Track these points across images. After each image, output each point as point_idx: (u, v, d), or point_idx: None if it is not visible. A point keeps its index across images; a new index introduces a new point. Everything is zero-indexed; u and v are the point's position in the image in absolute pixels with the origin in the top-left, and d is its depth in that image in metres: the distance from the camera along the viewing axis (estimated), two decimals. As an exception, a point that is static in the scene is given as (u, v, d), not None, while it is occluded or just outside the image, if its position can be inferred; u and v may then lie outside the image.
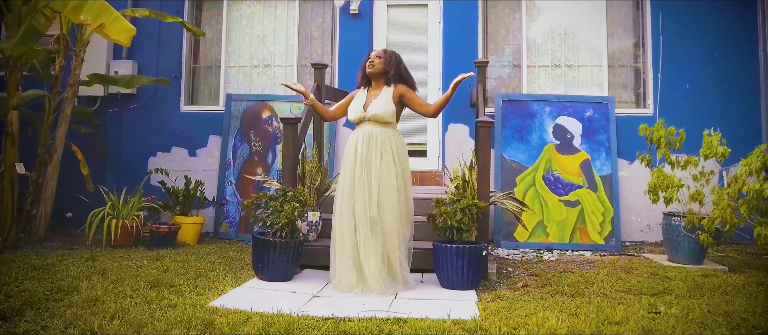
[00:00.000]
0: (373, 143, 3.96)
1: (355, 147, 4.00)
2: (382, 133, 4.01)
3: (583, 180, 6.26)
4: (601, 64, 6.68)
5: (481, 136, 4.32)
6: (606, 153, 6.33)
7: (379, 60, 4.08)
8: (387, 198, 3.88)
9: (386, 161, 3.93)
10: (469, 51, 6.59)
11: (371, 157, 3.93)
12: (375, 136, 3.99)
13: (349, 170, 3.99)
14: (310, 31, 6.98)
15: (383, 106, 4.00)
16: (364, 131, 4.02)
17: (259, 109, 6.67)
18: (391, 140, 4.02)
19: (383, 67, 4.07)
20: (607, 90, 6.64)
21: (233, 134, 6.65)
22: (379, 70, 4.07)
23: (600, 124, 6.39)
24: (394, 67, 4.10)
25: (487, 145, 4.31)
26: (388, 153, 3.94)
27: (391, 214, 3.89)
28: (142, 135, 6.90)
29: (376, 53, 4.15)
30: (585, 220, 6.17)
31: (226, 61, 7.02)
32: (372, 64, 4.08)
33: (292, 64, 6.91)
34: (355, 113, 4.08)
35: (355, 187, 3.92)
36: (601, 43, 6.69)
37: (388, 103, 4.02)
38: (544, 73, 6.74)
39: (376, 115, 3.98)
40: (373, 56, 4.13)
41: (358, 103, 4.12)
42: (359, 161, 3.94)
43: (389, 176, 3.91)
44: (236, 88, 6.98)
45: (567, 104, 6.44)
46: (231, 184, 6.56)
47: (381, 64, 4.08)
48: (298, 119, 4.56)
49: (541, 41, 6.76)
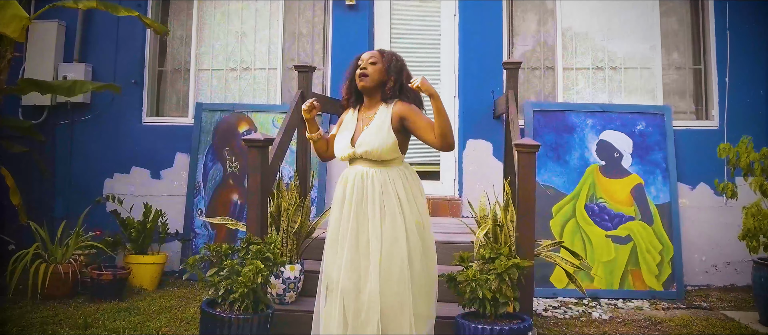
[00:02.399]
0: (368, 190, 2.66)
1: (342, 194, 2.74)
2: (381, 174, 2.69)
3: (636, 210, 5.03)
4: (653, 66, 5.44)
5: (523, 165, 3.10)
6: (662, 176, 5.10)
7: (374, 66, 2.77)
8: (391, 269, 2.58)
9: (390, 215, 2.64)
10: (492, 50, 5.37)
11: (365, 211, 2.65)
12: (370, 180, 2.67)
13: (333, 224, 2.75)
14: (297, 27, 5.78)
15: (379, 137, 2.68)
16: (355, 172, 2.74)
17: (235, 122, 5.47)
18: (396, 183, 2.69)
19: (380, 77, 2.77)
20: (662, 98, 5.40)
21: (204, 152, 5.46)
22: (374, 82, 2.77)
23: (654, 140, 5.16)
24: (395, 74, 2.78)
25: (531, 178, 3.10)
26: (392, 202, 2.66)
27: (396, 294, 2.57)
28: (97, 152, 5.71)
29: (370, 55, 2.81)
30: (638, 260, 4.94)
31: (197, 63, 5.82)
32: (364, 72, 2.75)
33: (276, 66, 5.71)
34: (342, 150, 2.78)
35: (339, 253, 2.67)
36: (652, 39, 5.45)
37: (385, 131, 2.70)
38: (583, 77, 5.52)
39: (369, 152, 2.69)
40: (364, 60, 2.79)
41: (344, 133, 2.82)
42: (346, 215, 2.68)
43: (393, 238, 2.61)
44: (209, 96, 5.78)
45: (614, 115, 5.21)
46: (201, 214, 5.36)
47: (377, 73, 2.77)
48: (268, 141, 3.36)
49: (579, 38, 5.53)
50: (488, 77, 5.30)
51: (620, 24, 5.48)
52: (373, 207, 2.64)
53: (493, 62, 5.31)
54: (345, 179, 2.76)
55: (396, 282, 2.55)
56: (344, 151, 2.76)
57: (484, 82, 5.28)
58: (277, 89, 5.66)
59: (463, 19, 5.44)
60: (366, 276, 2.57)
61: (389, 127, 2.71)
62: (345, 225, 2.66)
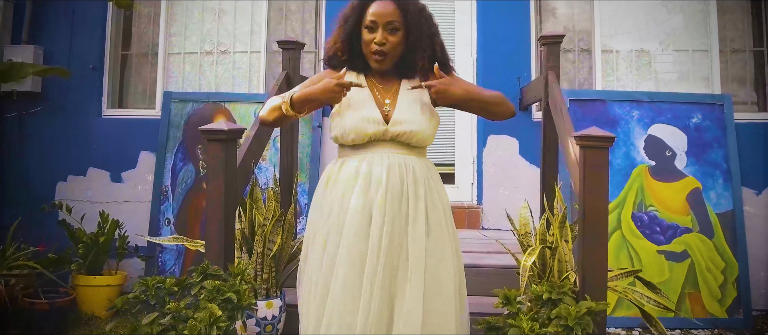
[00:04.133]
0: (409, 188, 1.87)
1: (362, 192, 1.86)
2: (422, 166, 1.94)
3: (693, 220, 4.16)
4: (709, 48, 4.56)
5: (591, 165, 2.22)
6: (724, 178, 4.23)
7: (395, 36, 1.91)
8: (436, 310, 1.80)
9: (436, 225, 1.87)
10: (517, 27, 4.49)
11: (402, 220, 1.84)
12: (412, 173, 1.90)
13: (353, 243, 1.82)
14: (285, 4, 4.89)
15: (423, 115, 1.95)
16: (386, 160, 1.90)
17: (210, 114, 4.57)
18: (435, 179, 1.99)
19: (401, 52, 1.95)
20: (720, 86, 4.52)
21: (173, 150, 4.57)
22: (394, 61, 1.96)
23: (713, 136, 4.28)
24: (428, 48, 1.95)
25: (602, 182, 2.21)
26: (437, 208, 1.91)
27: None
28: (50, 150, 4.82)
29: (385, 11, 1.90)
30: (697, 281, 4.07)
31: (167, 45, 4.93)
32: (381, 50, 1.91)
33: (259, 49, 4.82)
34: (364, 125, 1.91)
35: (351, 288, 1.78)
36: (707, 16, 4.57)
37: (428, 107, 1.98)
38: (624, 62, 4.63)
39: (413, 134, 1.91)
40: (378, 22, 1.90)
41: (363, 103, 1.95)
42: (375, 226, 1.81)
43: (439, 259, 1.84)
44: (180, 84, 4.89)
45: (664, 106, 4.33)
46: (169, 223, 4.47)
47: (398, 47, 1.93)
48: (235, 132, 2.47)
49: (619, 15, 4.64)
50: (513, 59, 4.42)
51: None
52: (415, 215, 1.85)
53: (519, 41, 4.44)
54: (363, 171, 1.90)
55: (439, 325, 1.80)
56: (369, 125, 1.90)
57: (508, 66, 4.40)
58: (260, 76, 4.77)
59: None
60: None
61: (429, 102, 1.99)
62: (374, 241, 1.81)
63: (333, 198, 1.91)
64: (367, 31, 1.94)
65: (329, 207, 1.91)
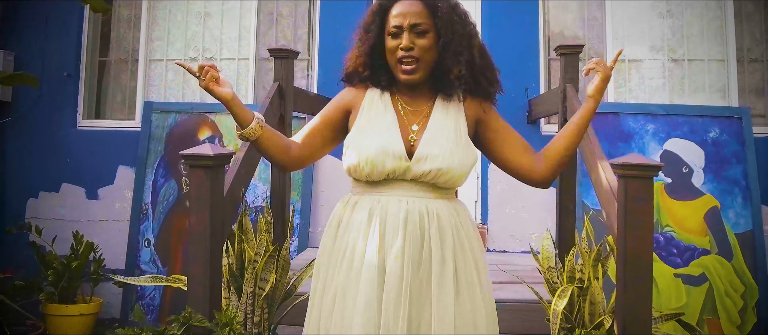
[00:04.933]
0: (433, 240, 1.53)
1: (376, 243, 1.53)
2: (449, 212, 1.59)
3: (711, 241, 3.91)
4: (726, 57, 4.31)
5: (634, 198, 1.92)
6: (743, 196, 3.98)
7: (424, 40, 1.59)
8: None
9: (467, 285, 1.54)
10: (525, 35, 4.22)
11: (424, 277, 1.52)
12: (436, 223, 1.55)
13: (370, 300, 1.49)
14: (276, 7, 4.57)
15: (459, 148, 1.58)
16: (404, 205, 1.55)
17: (194, 126, 4.24)
18: (468, 227, 1.62)
19: (433, 59, 1.62)
20: (738, 98, 4.27)
21: (154, 165, 4.23)
22: (427, 71, 1.63)
23: (731, 151, 4.03)
24: (466, 51, 1.62)
25: (647, 218, 1.92)
26: (468, 263, 1.56)
27: None
28: (20, 164, 4.47)
29: (409, 11, 1.59)
30: (715, 306, 3.82)
31: (148, 51, 4.59)
32: (410, 57, 1.58)
33: (248, 55, 4.49)
34: (381, 157, 1.55)
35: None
36: (724, 24, 4.32)
37: (463, 138, 1.61)
38: (637, 71, 4.37)
39: (442, 172, 1.55)
40: (403, 24, 1.58)
41: (385, 129, 1.62)
42: (391, 288, 1.48)
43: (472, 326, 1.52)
44: (163, 93, 4.55)
45: (680, 119, 4.07)
46: (148, 244, 4.13)
47: (431, 52, 1.61)
48: (223, 157, 2.15)
49: (632, 21, 4.38)
50: (521, 69, 4.14)
51: (683, 4, 4.35)
52: (442, 271, 1.52)
53: (526, 50, 4.16)
54: (376, 218, 1.57)
55: None
56: (386, 160, 1.55)
57: (515, 76, 4.11)
58: (248, 84, 4.44)
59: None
60: None
61: (466, 132, 1.62)
62: (389, 309, 1.49)
63: (345, 246, 1.59)
64: (390, 38, 1.62)
65: (341, 256, 1.60)
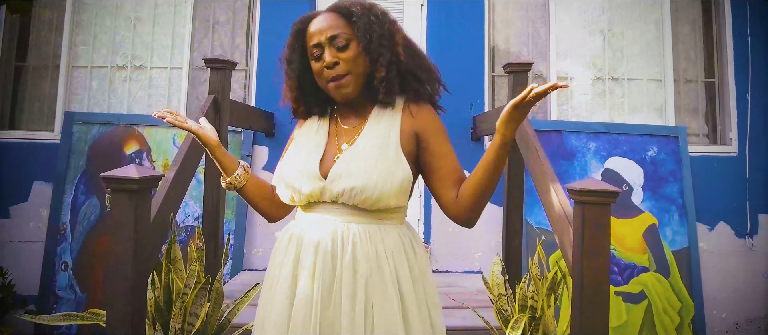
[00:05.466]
0: (346, 270, 1.37)
1: (289, 273, 1.42)
2: (373, 237, 1.41)
3: (650, 258, 3.95)
4: (663, 77, 4.41)
5: (592, 225, 1.84)
6: (679, 214, 4.05)
7: (346, 52, 1.45)
8: None
9: (383, 327, 1.35)
10: (470, 52, 4.16)
11: (335, 315, 1.36)
12: (351, 248, 1.39)
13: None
14: (212, 13, 4.32)
15: (380, 164, 1.40)
16: (321, 228, 1.42)
17: (120, 139, 3.94)
18: (397, 259, 1.42)
19: (363, 69, 1.47)
20: (675, 117, 4.37)
21: (74, 181, 3.89)
22: (358, 83, 1.48)
23: (669, 170, 4.11)
24: (388, 50, 1.46)
25: (605, 246, 1.84)
26: (389, 303, 1.37)
27: None
28: None
29: (327, 26, 1.46)
30: (654, 324, 3.86)
31: (71, 57, 4.25)
32: (338, 74, 1.45)
33: (181, 64, 4.22)
34: (296, 181, 1.45)
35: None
36: (662, 45, 4.42)
37: (391, 152, 1.43)
38: (579, 89, 4.40)
39: (358, 191, 1.38)
40: (322, 40, 1.46)
41: (302, 151, 1.51)
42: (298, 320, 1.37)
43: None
44: (86, 102, 4.21)
45: (621, 138, 4.11)
46: (66, 268, 3.79)
47: (357, 64, 1.46)
48: (149, 180, 1.93)
49: (574, 41, 4.41)
50: (465, 86, 4.07)
51: (623, 25, 4.42)
52: (351, 309, 1.37)
53: (472, 67, 4.11)
54: (293, 242, 1.46)
55: None
56: (302, 183, 1.44)
57: (460, 93, 4.04)
58: (181, 95, 4.17)
59: (434, 10, 4.19)
60: None
61: (398, 145, 1.44)
62: (296, 328, 1.37)
63: (271, 271, 1.50)
64: (314, 62, 1.49)
65: (268, 282, 1.49)
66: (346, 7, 1.49)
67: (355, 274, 1.38)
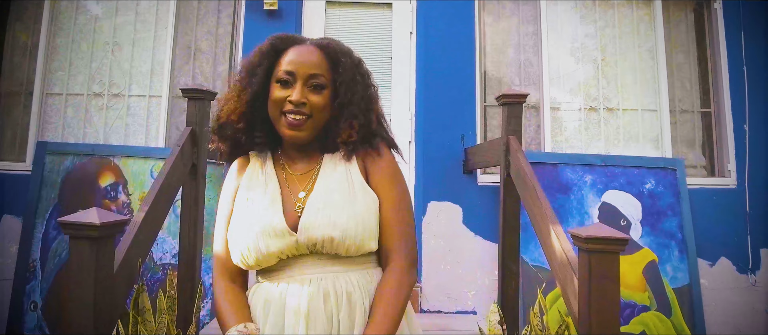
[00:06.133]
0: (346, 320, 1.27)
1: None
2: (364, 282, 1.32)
3: (650, 296, 3.79)
4: (659, 107, 4.30)
5: (600, 276, 1.67)
6: (679, 250, 3.91)
7: (319, 96, 1.34)
8: None
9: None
10: (462, 80, 4.02)
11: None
12: (348, 303, 1.28)
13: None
14: (194, 40, 4.17)
15: (351, 204, 1.30)
16: (305, 293, 1.26)
17: (94, 170, 3.74)
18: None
19: (327, 117, 1.38)
20: (671, 148, 4.25)
21: (45, 214, 3.68)
22: (318, 130, 1.38)
23: (667, 203, 3.97)
24: (363, 114, 1.38)
25: (614, 298, 1.68)
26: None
27: None
28: None
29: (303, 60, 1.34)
30: (656, 366, 3.69)
31: (46, 84, 4.06)
32: (299, 114, 1.32)
33: (161, 92, 4.04)
34: (266, 240, 1.29)
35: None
36: (657, 75, 4.32)
37: (359, 192, 1.34)
38: (572, 120, 4.27)
39: (337, 241, 1.27)
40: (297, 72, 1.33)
41: (266, 204, 1.34)
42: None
43: None
44: (60, 132, 4.01)
45: (617, 170, 3.98)
46: (35, 308, 3.55)
47: (323, 110, 1.35)
48: (115, 226, 1.74)
49: (566, 68, 4.30)
50: (457, 116, 3.93)
51: (616, 53, 4.32)
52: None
53: (463, 96, 3.97)
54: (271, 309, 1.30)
55: None
56: (269, 242, 1.30)
57: (452, 123, 3.90)
58: (160, 125, 3.99)
59: (423, 38, 4.06)
60: None
61: (362, 182, 1.37)
62: None
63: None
64: (279, 87, 1.35)
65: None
66: (335, 51, 1.38)
67: (353, 325, 1.27)
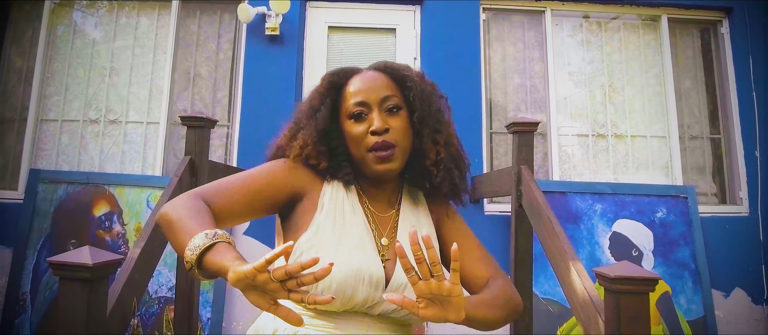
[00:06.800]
0: None
1: None
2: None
3: (664, 329, 3.66)
4: (668, 134, 4.21)
5: (631, 318, 1.56)
6: (693, 280, 3.78)
7: (397, 117, 1.21)
8: None
9: None
10: (467, 108, 3.93)
11: None
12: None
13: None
14: (193, 66, 4.08)
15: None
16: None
17: (89, 199, 3.62)
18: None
19: (410, 144, 1.24)
20: (682, 175, 4.15)
21: (37, 245, 3.54)
22: (404, 159, 1.23)
23: (679, 232, 3.86)
24: (444, 129, 1.28)
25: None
26: None
27: None
28: None
29: (378, 84, 1.22)
30: (672, 402, 3.55)
31: (41, 110, 3.96)
32: (386, 142, 1.18)
33: (159, 119, 3.94)
34: (358, 283, 1.10)
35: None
36: (663, 99, 4.25)
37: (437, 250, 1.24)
38: (580, 147, 4.18)
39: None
40: (370, 99, 1.21)
41: (355, 244, 1.15)
42: None
43: None
44: (54, 159, 3.90)
45: (628, 199, 3.87)
46: (25, 343, 3.40)
47: (407, 137, 1.22)
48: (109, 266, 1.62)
49: (574, 95, 4.22)
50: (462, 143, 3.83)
51: (623, 79, 4.24)
52: None
53: (469, 123, 3.87)
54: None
55: None
56: (358, 288, 1.11)
57: (458, 150, 3.80)
58: (157, 152, 3.87)
59: (427, 64, 3.97)
60: None
61: (436, 239, 1.30)
62: None
63: None
64: (352, 123, 1.22)
65: None
66: (398, 70, 1.26)
67: None
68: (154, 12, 4.07)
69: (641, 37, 4.30)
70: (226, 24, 4.08)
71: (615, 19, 4.31)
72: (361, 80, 1.24)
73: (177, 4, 4.02)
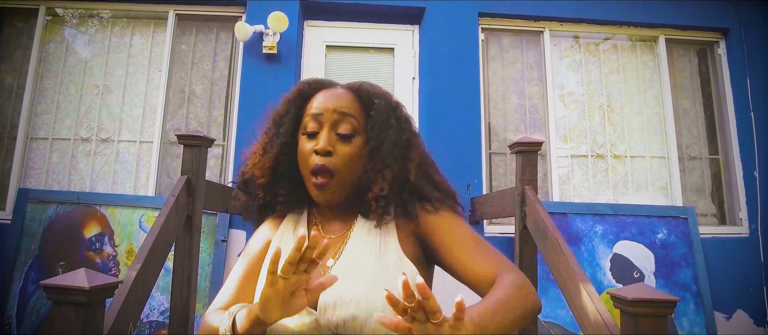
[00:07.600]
0: None
1: None
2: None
3: (667, 353, 3.59)
4: (667, 154, 4.19)
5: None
6: (695, 302, 3.73)
7: (347, 145, 1.16)
8: None
9: None
10: (466, 128, 3.89)
11: None
12: None
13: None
14: (188, 84, 4.01)
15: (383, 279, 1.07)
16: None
17: (79, 220, 3.51)
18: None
19: (359, 171, 1.19)
20: (681, 196, 4.12)
21: (24, 267, 3.43)
22: (348, 187, 1.18)
23: (680, 253, 3.82)
24: (397, 163, 1.19)
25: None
26: None
27: None
28: None
29: (334, 103, 1.17)
30: None
31: (31, 127, 3.87)
32: (326, 166, 1.14)
33: (152, 138, 3.86)
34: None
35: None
36: (662, 120, 4.24)
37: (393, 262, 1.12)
38: (580, 167, 4.15)
39: (361, 318, 1.03)
40: (323, 117, 1.16)
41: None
42: None
43: None
44: (44, 178, 3.80)
45: (628, 220, 3.83)
46: (9, 370, 3.27)
47: (355, 164, 1.17)
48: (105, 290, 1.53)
49: (573, 116, 4.20)
50: (462, 164, 3.79)
51: (622, 99, 4.23)
52: None
53: (468, 144, 3.83)
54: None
55: None
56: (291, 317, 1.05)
57: (456, 172, 3.75)
58: (150, 172, 3.79)
59: (426, 84, 3.94)
60: None
61: (399, 249, 1.15)
62: None
63: None
64: (306, 139, 1.19)
65: None
66: (369, 93, 1.21)
67: None
68: (148, 29, 4.01)
69: (639, 58, 4.30)
70: (223, 42, 4.03)
71: (612, 40, 4.31)
72: (325, 95, 1.20)
73: (173, 22, 3.97)
